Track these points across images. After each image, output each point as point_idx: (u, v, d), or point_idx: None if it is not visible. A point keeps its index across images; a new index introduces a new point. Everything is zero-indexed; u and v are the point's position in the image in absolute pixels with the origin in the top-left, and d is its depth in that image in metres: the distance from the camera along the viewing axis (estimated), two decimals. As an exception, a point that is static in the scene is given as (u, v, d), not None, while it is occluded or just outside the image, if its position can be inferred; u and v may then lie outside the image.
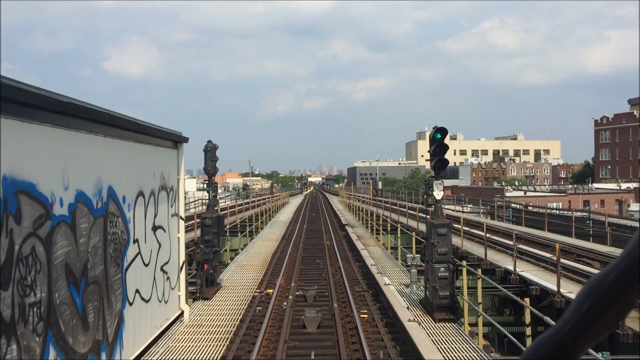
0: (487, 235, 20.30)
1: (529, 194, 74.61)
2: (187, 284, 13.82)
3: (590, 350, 7.95)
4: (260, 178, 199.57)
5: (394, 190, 71.74)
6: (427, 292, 13.16)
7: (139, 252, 9.96)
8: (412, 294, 14.77)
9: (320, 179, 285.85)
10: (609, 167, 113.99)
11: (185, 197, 15.13)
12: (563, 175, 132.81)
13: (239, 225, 28.99)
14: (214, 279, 15.51)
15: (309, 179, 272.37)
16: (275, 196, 59.58)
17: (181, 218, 12.84)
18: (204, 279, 14.70)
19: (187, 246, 14.80)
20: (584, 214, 29.46)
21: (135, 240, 9.78)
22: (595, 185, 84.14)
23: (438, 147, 12.48)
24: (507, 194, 70.03)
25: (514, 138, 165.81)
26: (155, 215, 10.96)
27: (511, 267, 17.32)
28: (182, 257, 12.74)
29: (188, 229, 21.94)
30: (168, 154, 12.19)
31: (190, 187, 69.55)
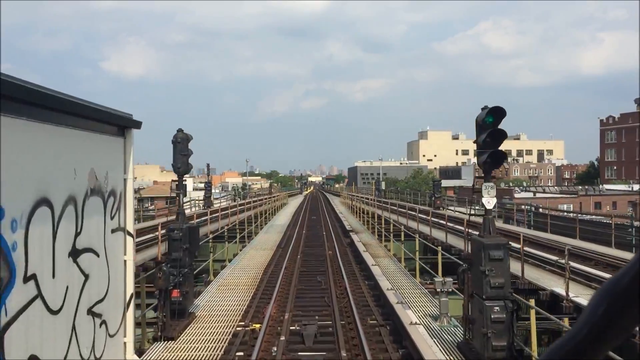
0: (518, 245, 16.42)
1: (538, 195, 71.22)
2: (143, 324, 10.13)
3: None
4: (259, 178, 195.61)
5: (398, 191, 67.99)
6: (469, 335, 9.48)
7: (39, 295, 6.23)
8: (444, 331, 11.07)
9: (320, 178, 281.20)
10: (615, 167, 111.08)
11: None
12: (567, 176, 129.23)
13: (226, 233, 25.12)
14: (184, 309, 11.82)
15: (309, 179, 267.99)
16: (274, 197, 55.82)
17: (129, 234, 9.10)
18: (168, 311, 10.98)
19: (146, 268, 11.08)
20: (625, 220, 25.70)
21: (30, 278, 6.06)
22: (606, 186, 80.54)
23: (490, 135, 8.77)
24: (516, 195, 66.56)
25: (517, 138, 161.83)
26: (77, 233, 7.23)
27: (559, 290, 13.68)
28: (130, 288, 9.00)
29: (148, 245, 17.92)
30: (108, 144, 8.44)
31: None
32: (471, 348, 9.38)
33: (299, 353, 10.29)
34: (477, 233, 9.51)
